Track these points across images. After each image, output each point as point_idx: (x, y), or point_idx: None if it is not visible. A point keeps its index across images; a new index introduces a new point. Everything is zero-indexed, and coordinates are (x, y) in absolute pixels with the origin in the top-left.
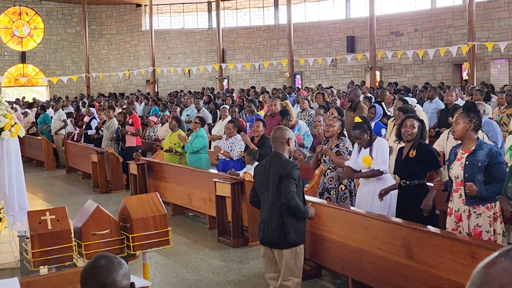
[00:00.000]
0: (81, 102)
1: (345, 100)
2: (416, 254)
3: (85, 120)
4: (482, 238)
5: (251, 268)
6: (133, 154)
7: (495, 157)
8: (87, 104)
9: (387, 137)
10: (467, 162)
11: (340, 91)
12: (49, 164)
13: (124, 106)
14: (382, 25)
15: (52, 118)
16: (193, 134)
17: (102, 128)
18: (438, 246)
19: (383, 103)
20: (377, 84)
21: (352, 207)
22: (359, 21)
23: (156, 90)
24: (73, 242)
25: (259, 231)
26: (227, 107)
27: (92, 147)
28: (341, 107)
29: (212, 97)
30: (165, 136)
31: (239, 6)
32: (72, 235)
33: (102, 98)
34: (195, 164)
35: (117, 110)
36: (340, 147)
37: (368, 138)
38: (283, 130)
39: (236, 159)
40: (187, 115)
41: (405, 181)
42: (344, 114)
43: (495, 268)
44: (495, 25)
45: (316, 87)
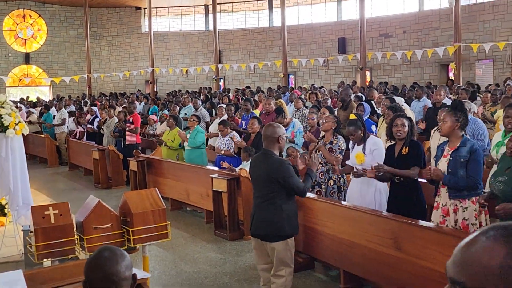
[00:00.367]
0: (83, 102)
1: (337, 99)
2: (405, 247)
3: (87, 119)
4: (469, 231)
5: (247, 260)
6: (133, 151)
7: (474, 153)
8: (89, 104)
9: (378, 135)
10: (451, 158)
11: (332, 91)
12: (52, 161)
13: (125, 105)
14: (372, 27)
15: (55, 117)
16: (193, 130)
17: (103, 127)
18: (426, 239)
19: (373, 102)
20: (367, 84)
21: (344, 202)
22: (350, 23)
23: (155, 90)
24: (76, 236)
25: (250, 224)
26: (224, 106)
27: (94, 145)
28: (333, 106)
29: (209, 97)
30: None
31: (235, 9)
32: (75, 229)
33: (103, 98)
34: (197, 159)
35: (118, 109)
36: (333, 144)
37: (362, 135)
38: (274, 128)
39: (236, 153)
40: (185, 114)
41: (399, 177)
42: (336, 113)
43: (476, 247)
44: (480, 27)
45: (309, 87)
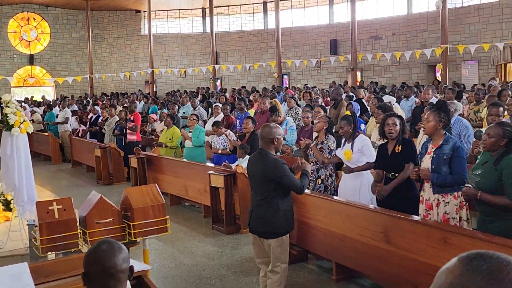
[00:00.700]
0: (85, 101)
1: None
2: (394, 240)
3: (89, 118)
4: (449, 224)
5: (243, 253)
6: (134, 149)
7: (457, 150)
8: (91, 103)
9: (369, 132)
10: (435, 155)
11: (324, 91)
12: (56, 159)
13: (126, 105)
14: (363, 30)
15: (58, 116)
16: (195, 129)
17: (104, 126)
18: (414, 232)
19: (363, 100)
20: (358, 84)
21: (335, 197)
22: (342, 26)
23: (155, 90)
24: (79, 230)
25: (249, 221)
26: (220, 105)
27: (96, 143)
28: (325, 105)
29: (207, 96)
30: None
31: (231, 12)
32: (78, 224)
33: (105, 97)
34: (199, 158)
35: (119, 108)
36: (324, 144)
37: (351, 131)
38: (271, 129)
39: (232, 151)
40: (184, 113)
41: (394, 174)
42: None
43: (454, 279)
44: (466, 30)
45: (303, 87)
